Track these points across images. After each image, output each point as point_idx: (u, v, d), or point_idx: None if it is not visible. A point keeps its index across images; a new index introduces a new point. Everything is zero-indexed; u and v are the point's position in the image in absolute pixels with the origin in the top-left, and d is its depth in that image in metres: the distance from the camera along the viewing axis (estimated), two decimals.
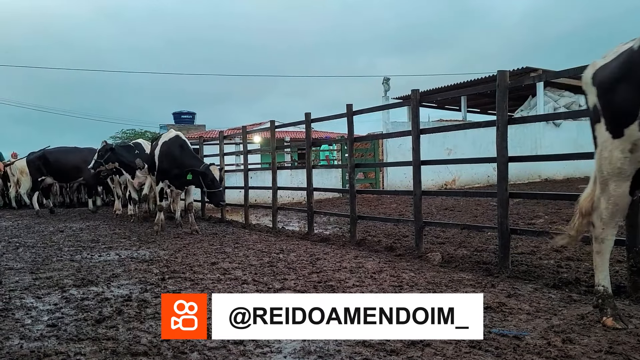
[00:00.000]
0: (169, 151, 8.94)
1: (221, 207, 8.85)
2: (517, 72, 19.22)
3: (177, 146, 8.96)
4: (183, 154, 8.90)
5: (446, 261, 5.81)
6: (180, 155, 8.86)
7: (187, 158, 8.89)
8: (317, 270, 5.40)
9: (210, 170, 8.57)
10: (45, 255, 6.78)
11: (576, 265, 5.33)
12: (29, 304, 4.30)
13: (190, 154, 9.17)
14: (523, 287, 4.56)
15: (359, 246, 7.05)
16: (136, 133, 46.01)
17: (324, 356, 3.00)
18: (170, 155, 8.90)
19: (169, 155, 8.92)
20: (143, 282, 5.05)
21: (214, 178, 8.53)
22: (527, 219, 8.76)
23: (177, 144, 9.00)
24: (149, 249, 7.28)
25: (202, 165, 8.72)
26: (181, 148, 8.98)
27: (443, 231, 7.92)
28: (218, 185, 8.66)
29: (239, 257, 6.35)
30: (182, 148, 8.99)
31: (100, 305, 4.20)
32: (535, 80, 8.32)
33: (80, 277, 5.34)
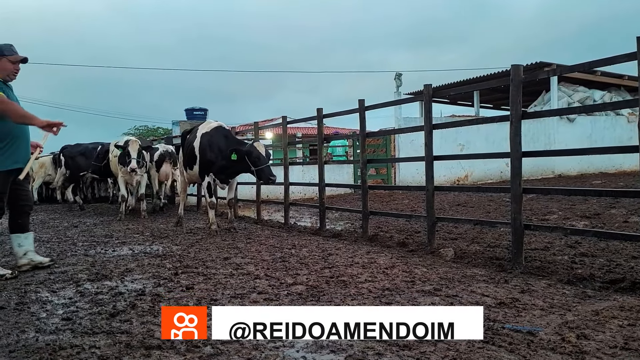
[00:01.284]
0: (213, 142, 8.38)
1: (271, 182, 8.16)
2: (531, 66, 19.05)
3: (221, 136, 8.43)
4: (229, 144, 8.33)
5: (459, 257, 5.79)
6: (226, 145, 8.28)
7: (233, 146, 8.28)
8: (329, 266, 5.40)
9: (255, 147, 8.07)
10: (59, 250, 6.85)
11: (590, 261, 5.28)
12: (44, 297, 4.34)
13: (235, 142, 8.65)
14: (537, 282, 4.53)
15: (371, 242, 7.04)
16: (149, 129, 46.31)
17: (336, 350, 3.00)
18: (215, 146, 8.35)
19: (213, 147, 8.35)
20: (156, 276, 5.08)
21: (259, 154, 8.01)
22: (541, 215, 8.70)
23: (221, 134, 8.46)
24: (162, 244, 7.32)
25: (244, 145, 8.26)
26: (226, 138, 8.47)
27: (455, 227, 7.89)
28: (265, 161, 8.13)
29: (251, 252, 6.37)
30: (227, 138, 8.48)
31: (114, 299, 4.23)
32: (550, 75, 8.24)
33: (95, 271, 5.38)
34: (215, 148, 8.33)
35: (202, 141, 8.50)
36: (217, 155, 8.30)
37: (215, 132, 8.51)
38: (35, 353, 3.01)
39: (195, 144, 8.61)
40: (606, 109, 19.11)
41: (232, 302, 4.06)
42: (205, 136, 8.49)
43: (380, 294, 4.20)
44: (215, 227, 8.53)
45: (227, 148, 8.22)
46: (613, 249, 5.79)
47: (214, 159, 8.34)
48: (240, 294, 4.29)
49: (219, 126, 8.68)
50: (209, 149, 8.37)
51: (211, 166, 8.40)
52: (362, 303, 3.93)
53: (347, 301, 3.99)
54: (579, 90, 21.20)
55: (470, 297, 4.07)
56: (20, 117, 5.11)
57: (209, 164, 8.41)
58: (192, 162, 8.77)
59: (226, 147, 8.26)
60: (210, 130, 8.56)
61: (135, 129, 46.89)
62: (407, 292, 4.24)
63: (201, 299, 4.15)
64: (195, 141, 8.63)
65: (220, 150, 8.28)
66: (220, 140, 8.37)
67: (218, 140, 8.38)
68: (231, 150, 8.06)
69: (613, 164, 19.43)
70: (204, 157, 8.45)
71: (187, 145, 9.03)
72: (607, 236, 5.58)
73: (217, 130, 8.56)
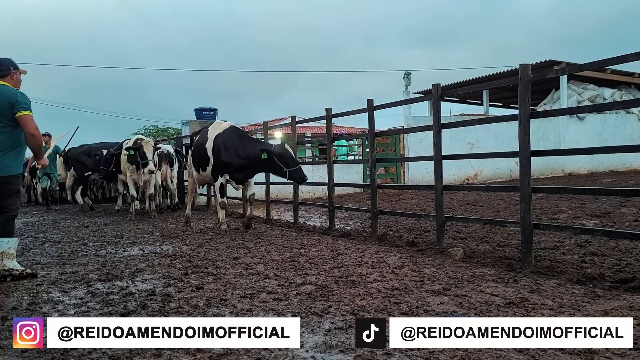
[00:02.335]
0: (228, 142, 8.27)
1: (304, 182, 8.22)
2: (540, 65, 18.96)
3: (235, 136, 8.38)
4: (246, 144, 8.34)
5: (468, 256, 5.78)
6: (243, 145, 8.28)
7: (251, 146, 8.32)
8: (339, 265, 5.41)
9: (287, 149, 8.12)
10: (70, 250, 6.91)
11: (600, 261, 5.26)
12: (56, 298, 4.39)
13: (253, 140, 8.74)
14: (546, 282, 4.52)
15: (381, 241, 7.05)
16: (158, 129, 46.55)
17: (345, 350, 3.01)
18: (230, 147, 8.24)
19: (229, 147, 8.24)
20: (166, 276, 5.12)
21: (292, 156, 8.09)
22: (551, 214, 8.66)
23: (235, 134, 8.42)
24: (172, 244, 7.37)
25: (274, 146, 8.22)
26: (241, 138, 8.43)
27: (465, 226, 7.88)
28: (297, 161, 8.22)
29: (260, 252, 6.39)
30: (242, 137, 8.48)
31: (125, 299, 4.26)
32: (558, 74, 8.21)
33: (105, 271, 5.43)
34: (231, 149, 8.25)
35: (216, 142, 8.36)
36: (234, 156, 8.23)
37: (230, 132, 8.44)
38: (47, 353, 3.05)
39: (207, 146, 8.49)
40: (616, 107, 19.01)
41: (241, 302, 4.08)
42: (220, 137, 8.35)
43: (389, 293, 4.21)
44: (225, 226, 8.59)
45: (243, 148, 8.25)
46: (623, 248, 5.77)
47: (230, 160, 8.23)
48: (249, 294, 4.31)
49: (232, 126, 8.64)
50: (224, 150, 8.23)
51: (227, 167, 8.29)
52: (371, 303, 3.94)
53: (356, 301, 4.00)
54: (589, 88, 21.07)
55: (480, 296, 4.07)
56: (39, 146, 5.57)
57: (225, 165, 8.29)
58: (205, 163, 8.65)
59: (242, 147, 8.27)
60: (224, 131, 8.45)
61: (145, 129, 47.14)
62: (416, 292, 4.24)
63: (211, 299, 4.18)
64: (207, 142, 8.52)
65: (236, 151, 8.23)
66: (235, 141, 8.32)
67: (233, 140, 8.32)
68: (262, 150, 8.03)
69: (624, 162, 19.30)
70: (218, 158, 8.29)
71: (197, 147, 8.92)
72: (617, 235, 5.55)
73: (232, 130, 8.50)
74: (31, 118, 5.37)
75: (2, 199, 5.37)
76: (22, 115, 5.31)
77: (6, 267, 5.20)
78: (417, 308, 3.78)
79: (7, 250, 5.24)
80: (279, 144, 8.37)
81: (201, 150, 8.66)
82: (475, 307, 3.78)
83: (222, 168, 8.35)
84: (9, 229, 5.41)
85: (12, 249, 5.33)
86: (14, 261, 5.32)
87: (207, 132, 8.78)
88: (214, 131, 8.58)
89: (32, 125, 5.35)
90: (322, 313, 3.73)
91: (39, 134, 5.44)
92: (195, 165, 9.16)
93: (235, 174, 8.36)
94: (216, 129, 8.59)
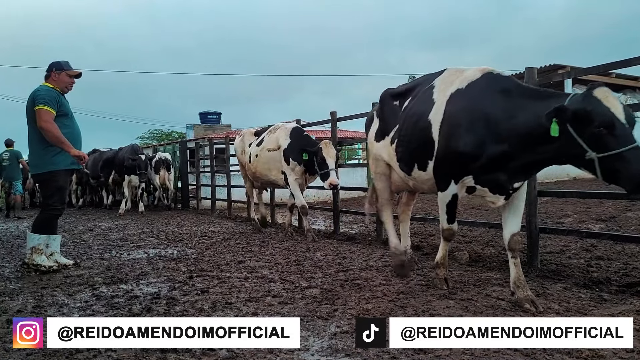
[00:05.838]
0: (487, 106, 3.93)
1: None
2: (545, 69, 18.92)
3: (495, 92, 3.99)
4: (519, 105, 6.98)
5: (473, 260, 5.76)
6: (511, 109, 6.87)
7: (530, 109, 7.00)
8: (344, 269, 5.40)
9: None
10: (75, 254, 6.91)
11: (607, 265, 5.24)
12: (61, 301, 4.39)
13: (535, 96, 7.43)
14: (552, 286, 4.50)
15: (386, 245, 7.00)
16: (163, 133, 46.64)
17: (351, 354, 2.99)
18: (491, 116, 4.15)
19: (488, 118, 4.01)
20: (171, 280, 5.12)
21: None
22: (556, 218, 8.63)
23: (495, 86, 4.01)
24: (176, 247, 7.37)
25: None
26: (506, 95, 7.31)
27: (470, 230, 7.86)
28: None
29: (265, 256, 6.38)
30: (509, 93, 5.21)
31: (130, 302, 4.26)
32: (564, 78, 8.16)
33: (110, 275, 5.43)
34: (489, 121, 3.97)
35: (454, 107, 4.13)
36: (493, 136, 3.96)
37: (485, 83, 4.08)
38: (52, 356, 3.05)
39: (432, 118, 4.27)
40: None
41: (247, 305, 4.07)
42: (464, 95, 4.10)
43: (395, 297, 4.20)
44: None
45: (511, 115, 3.88)
46: (629, 252, 5.74)
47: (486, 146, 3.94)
48: (255, 297, 4.30)
49: (489, 73, 4.14)
50: (477, 125, 3.97)
51: (476, 160, 3.98)
52: (376, 306, 3.92)
53: (362, 304, 3.99)
54: None
55: (486, 300, 4.05)
56: (55, 139, 5.50)
57: (473, 158, 3.98)
58: (421, 155, 4.44)
59: (510, 112, 3.93)
60: (473, 82, 4.12)
61: (150, 132, 47.23)
62: (422, 296, 4.22)
63: (216, 302, 4.17)
64: (432, 110, 4.30)
65: (498, 124, 3.90)
66: (498, 102, 4.00)
67: (493, 100, 4.01)
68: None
69: None
70: (455, 142, 4.03)
71: (409, 120, 4.61)
72: (623, 239, 5.52)
73: (487, 80, 4.09)
74: (44, 111, 5.46)
75: (45, 196, 5.74)
76: (37, 109, 5.44)
77: (35, 261, 5.50)
78: (423, 312, 3.76)
79: (37, 246, 5.55)
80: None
81: (417, 127, 4.45)
82: (481, 310, 3.77)
83: (463, 164, 4.05)
84: (47, 227, 5.68)
85: (42, 245, 5.59)
86: (42, 256, 5.57)
87: (430, 87, 4.49)
88: (450, 84, 4.29)
89: (44, 118, 5.44)
90: (328, 317, 3.72)
91: (50, 127, 5.45)
92: (399, 159, 4.83)
93: (493, 174, 3.97)
94: (454, 80, 4.28)
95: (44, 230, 5.64)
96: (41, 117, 5.42)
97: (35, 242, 5.54)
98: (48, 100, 5.50)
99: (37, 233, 5.58)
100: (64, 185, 5.84)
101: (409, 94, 4.83)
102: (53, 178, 5.59)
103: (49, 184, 5.62)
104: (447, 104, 4.15)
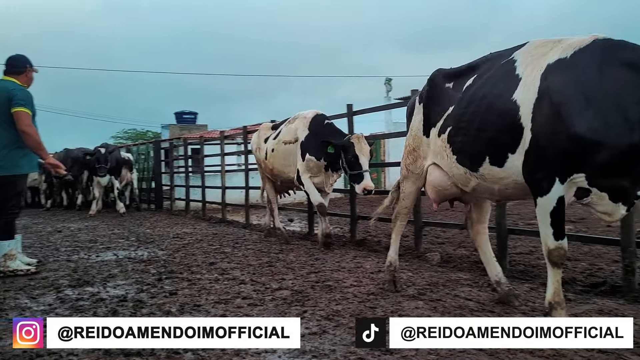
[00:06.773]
0: (597, 83, 3.20)
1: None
2: None
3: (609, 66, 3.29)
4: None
5: (445, 261, 5.79)
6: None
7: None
8: (316, 270, 5.38)
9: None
10: (41, 256, 6.76)
11: (573, 265, 5.31)
12: (23, 304, 4.29)
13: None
14: (519, 286, 4.54)
15: (359, 246, 7.03)
16: (138, 133, 46.11)
17: (318, 356, 2.98)
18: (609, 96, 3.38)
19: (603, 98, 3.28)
20: (140, 282, 5.04)
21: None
22: (527, 219, 8.72)
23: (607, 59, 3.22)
24: (147, 249, 7.27)
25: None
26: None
27: (443, 231, 7.90)
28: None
29: (237, 257, 6.34)
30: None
31: (95, 305, 4.18)
32: None
33: (76, 277, 5.33)
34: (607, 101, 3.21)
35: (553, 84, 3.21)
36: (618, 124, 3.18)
37: (592, 56, 3.20)
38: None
39: (520, 96, 3.35)
40: None
41: (215, 308, 4.02)
42: (563, 68, 3.20)
43: (365, 298, 4.19)
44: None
45: None
46: (596, 253, 5.83)
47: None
48: (224, 299, 4.26)
49: (597, 40, 3.23)
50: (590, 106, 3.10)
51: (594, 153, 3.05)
52: (346, 307, 3.91)
53: (332, 306, 3.97)
54: None
55: (454, 301, 4.07)
56: (36, 144, 5.42)
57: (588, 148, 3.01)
58: (504, 144, 3.45)
59: None
60: (575, 53, 3.19)
61: (124, 132, 46.65)
62: (392, 297, 4.23)
63: (184, 305, 4.12)
64: (519, 86, 3.39)
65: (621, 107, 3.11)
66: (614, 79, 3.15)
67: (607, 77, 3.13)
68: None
69: None
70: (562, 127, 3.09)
71: (469, 103, 3.76)
72: (590, 240, 5.61)
73: (595, 51, 3.23)
74: (25, 115, 5.29)
75: (4, 199, 5.38)
76: (16, 111, 5.25)
77: (10, 268, 5.36)
78: (392, 312, 3.76)
79: (9, 252, 5.40)
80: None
81: (491, 111, 3.54)
82: (449, 311, 3.78)
83: (576, 154, 3.07)
84: (10, 230, 5.52)
85: (14, 250, 5.47)
86: (17, 261, 5.46)
87: (508, 61, 3.59)
88: (541, 55, 3.40)
89: (25, 122, 5.28)
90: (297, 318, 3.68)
91: (32, 132, 5.32)
92: (457, 151, 3.84)
93: (616, 174, 3.03)
94: (548, 51, 3.38)
95: (9, 235, 5.47)
96: (23, 121, 5.25)
97: (6, 249, 5.37)
98: (27, 101, 5.36)
99: (3, 240, 5.39)
100: (24, 188, 5.83)
101: (471, 73, 3.88)
102: (16, 181, 5.43)
103: (10, 187, 5.40)
104: (543, 78, 3.20)
